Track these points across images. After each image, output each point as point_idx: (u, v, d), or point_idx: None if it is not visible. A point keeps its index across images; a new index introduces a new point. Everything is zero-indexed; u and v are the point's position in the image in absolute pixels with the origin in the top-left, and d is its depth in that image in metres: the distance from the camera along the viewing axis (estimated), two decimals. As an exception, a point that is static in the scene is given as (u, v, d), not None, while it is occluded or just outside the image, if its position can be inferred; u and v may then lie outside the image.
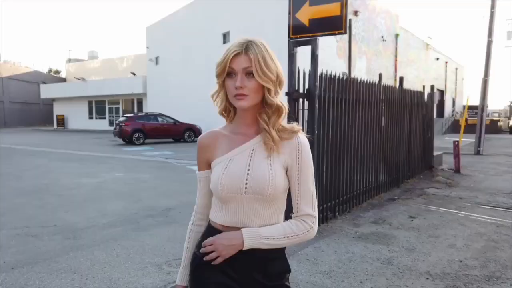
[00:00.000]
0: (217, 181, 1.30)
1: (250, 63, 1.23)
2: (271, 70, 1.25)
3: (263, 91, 1.27)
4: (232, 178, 1.28)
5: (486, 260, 3.74)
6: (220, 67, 1.28)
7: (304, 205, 1.30)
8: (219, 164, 1.33)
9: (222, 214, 1.33)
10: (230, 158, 1.32)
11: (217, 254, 1.26)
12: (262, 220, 1.29)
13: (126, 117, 18.91)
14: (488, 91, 13.71)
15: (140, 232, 4.68)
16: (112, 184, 7.94)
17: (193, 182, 6.90)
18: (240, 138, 1.34)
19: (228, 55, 1.26)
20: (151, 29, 27.63)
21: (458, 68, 36.79)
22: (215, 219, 1.36)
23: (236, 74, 1.25)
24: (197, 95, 21.32)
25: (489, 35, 13.68)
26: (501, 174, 9.28)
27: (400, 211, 5.63)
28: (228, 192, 1.28)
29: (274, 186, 1.25)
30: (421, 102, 8.54)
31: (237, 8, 18.14)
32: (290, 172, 1.30)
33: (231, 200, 1.29)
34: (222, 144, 1.36)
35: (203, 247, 1.29)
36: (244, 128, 1.34)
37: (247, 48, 1.25)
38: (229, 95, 1.29)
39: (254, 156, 1.29)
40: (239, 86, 1.23)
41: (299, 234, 1.28)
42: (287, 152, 1.29)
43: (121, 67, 36.01)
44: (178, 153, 13.89)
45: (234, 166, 1.29)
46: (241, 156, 1.31)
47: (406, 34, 24.39)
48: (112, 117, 32.35)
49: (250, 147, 1.31)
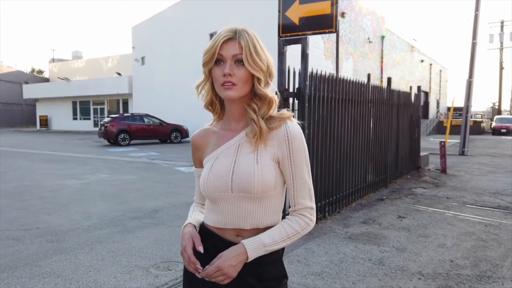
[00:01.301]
0: (203, 181, 1.24)
1: (241, 50, 1.16)
2: (262, 59, 1.18)
3: (252, 81, 1.19)
4: (217, 177, 1.21)
5: (476, 259, 3.74)
6: (209, 54, 1.19)
7: (300, 198, 1.22)
8: (207, 163, 1.27)
9: (214, 215, 1.26)
10: (217, 155, 1.25)
11: (226, 277, 1.15)
12: (256, 220, 1.21)
13: (111, 117, 18.61)
14: (472, 93, 13.91)
15: (126, 235, 4.55)
16: (96, 186, 7.76)
17: (180, 183, 6.85)
18: (228, 134, 1.27)
19: (217, 41, 1.17)
20: (137, 28, 27.30)
21: (442, 70, 37.36)
22: (208, 221, 1.29)
23: (225, 61, 1.17)
24: (184, 95, 21.15)
25: (473, 37, 13.88)
26: (486, 174, 9.39)
27: (389, 211, 5.62)
28: (214, 191, 1.21)
29: (262, 182, 1.17)
30: (408, 103, 8.59)
31: (224, 8, 18.05)
32: (283, 165, 1.21)
33: (220, 200, 1.22)
34: (212, 142, 1.30)
35: (208, 274, 1.16)
36: (233, 124, 1.27)
37: (238, 34, 1.17)
38: (216, 85, 1.20)
39: (240, 152, 1.22)
40: (228, 73, 1.15)
41: (300, 231, 1.21)
42: (275, 144, 1.20)
43: (106, 67, 35.53)
44: (165, 154, 13.71)
45: (219, 164, 1.23)
46: (227, 153, 1.24)
47: (391, 36, 24.65)
48: (97, 118, 31.86)
49: (236, 142, 1.24)
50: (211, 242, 1.25)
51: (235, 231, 1.23)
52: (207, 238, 1.26)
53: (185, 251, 1.23)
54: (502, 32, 33.63)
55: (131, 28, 27.96)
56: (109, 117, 19.10)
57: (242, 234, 1.22)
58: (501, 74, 37.72)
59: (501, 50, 36.35)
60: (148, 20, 25.74)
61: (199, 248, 1.22)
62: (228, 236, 1.23)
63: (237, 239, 1.22)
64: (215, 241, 1.25)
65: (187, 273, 1.29)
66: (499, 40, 34.28)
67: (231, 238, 1.23)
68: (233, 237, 1.23)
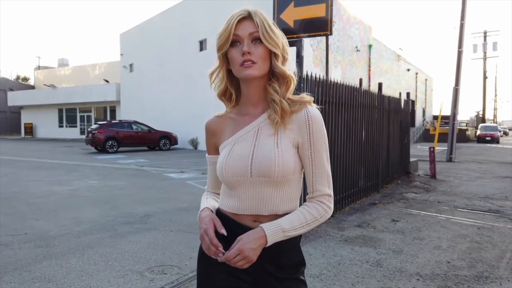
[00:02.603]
0: (221, 165, 1.20)
1: (256, 28, 1.15)
2: (277, 36, 1.17)
3: (270, 59, 1.17)
4: (236, 161, 1.17)
5: (472, 260, 3.75)
6: (224, 36, 1.17)
7: (319, 184, 1.19)
8: (225, 148, 1.23)
9: (231, 201, 1.22)
10: (235, 140, 1.22)
11: (247, 261, 1.12)
12: (274, 206, 1.18)
13: (99, 124, 18.38)
14: (459, 100, 14.14)
15: (118, 239, 4.45)
16: (86, 192, 7.61)
17: (171, 189, 6.78)
18: (246, 119, 1.23)
19: (231, 21, 1.15)
20: (125, 35, 27.13)
21: (427, 79, 37.98)
22: (224, 207, 1.24)
23: (241, 41, 1.15)
24: (174, 102, 21.06)
25: (459, 46, 14.16)
26: (474, 179, 9.51)
27: (383, 215, 5.63)
28: (233, 176, 1.17)
29: (282, 166, 1.14)
30: (398, 109, 8.68)
31: (214, 15, 18.06)
32: (302, 150, 1.19)
33: (238, 185, 1.19)
34: (228, 127, 1.26)
35: (229, 258, 1.12)
36: (250, 109, 1.24)
37: (252, 13, 1.16)
38: (234, 66, 1.17)
39: (260, 136, 1.19)
40: (247, 50, 1.13)
41: (319, 218, 1.19)
42: (295, 128, 1.18)
43: (93, 75, 35.16)
44: (154, 161, 13.56)
45: (239, 148, 1.19)
46: (246, 137, 1.20)
47: (379, 45, 24.98)
48: (84, 126, 31.43)
49: (255, 126, 1.21)
50: (228, 227, 1.20)
51: (253, 217, 1.19)
52: (223, 224, 1.22)
53: (206, 233, 1.17)
54: (485, 42, 34.45)
55: (119, 35, 27.79)
56: (97, 124, 18.87)
57: (260, 220, 1.19)
58: (484, 83, 38.55)
59: (484, 60, 37.20)
60: (136, 27, 25.63)
61: (221, 230, 1.18)
62: (245, 221, 1.20)
63: (254, 224, 1.18)
64: (232, 226, 1.20)
65: (203, 260, 1.25)
66: (482, 50, 35.10)
67: (249, 223, 1.19)
68: (251, 222, 1.19)
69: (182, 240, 4.42)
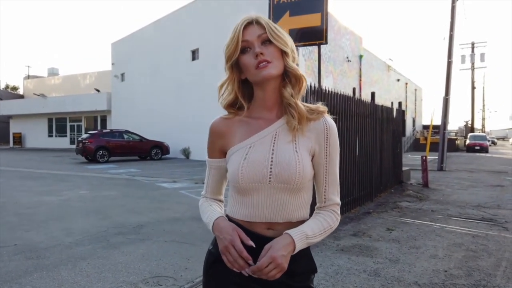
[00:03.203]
0: (237, 170, 1.15)
1: (264, 29, 1.15)
2: (284, 35, 1.17)
3: (283, 59, 1.16)
4: (254, 166, 1.14)
5: (469, 269, 3.74)
6: (232, 45, 1.16)
7: (332, 194, 1.21)
8: (238, 152, 1.18)
9: (243, 208, 1.18)
10: (251, 144, 1.18)
11: (279, 270, 1.06)
12: (289, 213, 1.16)
13: (90, 133, 18.20)
14: (449, 109, 14.31)
15: (111, 250, 4.36)
16: (76, 202, 7.48)
17: (164, 199, 6.67)
18: (261, 123, 1.20)
19: (238, 29, 1.15)
20: (116, 45, 27.08)
21: (417, 89, 38.47)
22: (235, 215, 1.20)
23: (252, 45, 1.14)
24: (165, 111, 20.97)
25: (448, 56, 14.38)
26: (466, 188, 9.58)
27: (378, 224, 5.62)
28: (249, 182, 1.14)
29: (302, 173, 1.13)
30: (390, 118, 8.74)
31: (206, 24, 18.14)
32: (318, 159, 1.18)
33: (253, 191, 1.15)
34: (239, 130, 1.22)
35: (261, 267, 1.05)
36: (264, 113, 1.21)
37: (257, 18, 1.17)
38: (250, 71, 1.16)
39: (278, 141, 1.16)
40: (260, 51, 1.12)
41: (332, 226, 1.19)
42: (313, 137, 1.18)
43: (84, 84, 34.92)
44: (145, 171, 13.44)
45: (255, 152, 1.16)
46: (263, 142, 1.17)
47: (369, 56, 25.27)
48: (74, 135, 31.11)
49: (272, 131, 1.18)
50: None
51: (267, 224, 1.16)
52: None
53: (233, 245, 1.09)
54: (473, 53, 35.05)
55: (111, 45, 27.73)
56: (88, 133, 18.68)
57: (274, 227, 1.16)
58: (473, 93, 39.14)
59: (472, 71, 37.82)
60: (128, 36, 25.61)
61: (249, 242, 1.10)
62: (258, 230, 1.16)
63: (268, 232, 1.15)
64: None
65: (211, 272, 1.20)
66: (470, 61, 35.71)
67: (262, 231, 1.16)
68: (264, 230, 1.16)
69: (176, 250, 4.35)
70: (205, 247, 4.34)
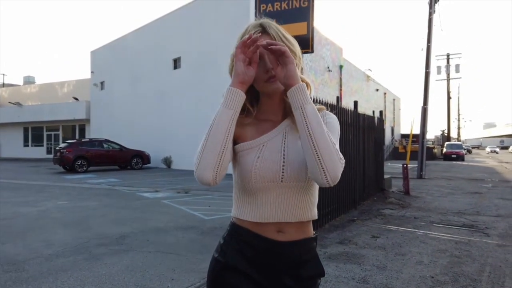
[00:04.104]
0: (250, 169, 1.12)
1: (274, 40, 1.13)
2: (293, 44, 1.18)
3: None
4: (266, 165, 1.12)
5: (455, 275, 3.79)
6: None
7: None
8: (251, 150, 1.15)
9: (252, 209, 1.15)
10: (263, 143, 1.16)
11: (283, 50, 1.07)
12: (300, 212, 1.14)
13: (68, 143, 17.78)
14: (427, 119, 14.63)
15: (94, 262, 4.23)
16: (55, 213, 7.26)
17: (146, 209, 6.56)
18: (268, 124, 1.20)
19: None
20: (96, 53, 26.71)
21: (395, 99, 39.30)
22: (243, 216, 1.17)
23: (262, 57, 1.13)
24: (146, 120, 20.72)
25: (426, 67, 14.75)
26: (446, 195, 9.76)
27: (363, 231, 5.65)
28: (262, 181, 1.12)
29: None
30: (372, 126, 8.86)
31: (188, 33, 18.10)
32: None
33: (264, 191, 1.13)
34: (249, 130, 1.20)
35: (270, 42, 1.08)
36: (270, 115, 1.21)
37: (266, 27, 1.15)
38: (259, 83, 1.15)
39: (288, 140, 1.16)
40: (271, 67, 1.11)
41: (333, 150, 1.05)
42: None
43: (62, 92, 34.21)
44: (126, 180, 13.19)
45: (268, 151, 1.14)
46: (274, 141, 1.16)
47: (349, 66, 25.71)
48: (51, 145, 30.38)
49: (281, 130, 1.18)
50: (247, 241, 1.14)
51: (277, 226, 1.14)
52: (241, 237, 1.15)
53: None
54: (448, 64, 36.06)
55: (90, 53, 27.34)
56: (66, 142, 18.26)
57: (285, 229, 1.14)
58: (448, 103, 40.22)
59: (448, 81, 38.91)
60: (108, 44, 25.31)
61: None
62: (268, 233, 1.14)
63: (278, 236, 1.13)
64: (251, 239, 1.14)
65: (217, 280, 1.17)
66: (446, 72, 36.70)
67: (271, 235, 1.13)
68: (275, 234, 1.14)
69: (161, 261, 4.26)
70: (190, 257, 4.27)
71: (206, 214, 6.91)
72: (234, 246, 1.16)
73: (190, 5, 18.44)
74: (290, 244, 1.14)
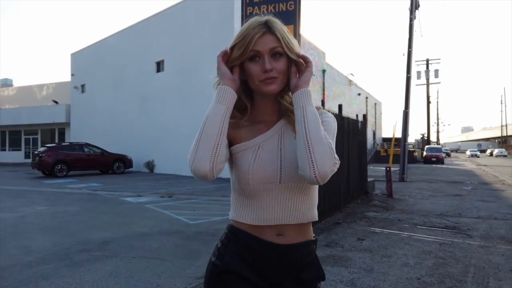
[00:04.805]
0: (247, 171, 1.10)
1: (278, 42, 1.10)
2: (295, 46, 1.14)
3: (288, 71, 1.14)
4: (264, 166, 1.10)
5: (441, 276, 3.83)
6: (239, 50, 1.10)
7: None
8: (247, 151, 1.13)
9: (250, 212, 1.12)
10: (259, 144, 1.13)
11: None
12: (300, 214, 1.12)
13: (47, 147, 17.38)
14: (409, 122, 14.87)
15: (76, 269, 4.11)
16: (35, 219, 7.06)
17: (129, 213, 6.45)
18: (263, 125, 1.17)
19: (250, 37, 1.09)
20: (76, 55, 26.24)
21: (376, 103, 39.88)
22: (241, 219, 1.14)
23: (261, 56, 1.09)
24: (128, 124, 20.42)
25: (407, 72, 15.01)
26: (427, 198, 9.92)
27: (348, 234, 5.67)
28: (259, 182, 1.09)
29: None
30: (356, 130, 8.94)
31: (172, 36, 17.95)
32: None
33: (262, 192, 1.10)
34: (243, 131, 1.17)
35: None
36: (265, 116, 1.18)
37: (271, 26, 1.11)
38: (254, 81, 1.12)
39: (284, 140, 1.14)
40: (269, 68, 1.08)
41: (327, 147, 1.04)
42: None
43: (41, 95, 33.47)
44: (107, 185, 12.95)
45: (264, 152, 1.12)
46: (270, 142, 1.14)
47: (332, 70, 25.97)
48: (29, 149, 29.63)
49: (277, 131, 1.16)
50: (246, 244, 1.11)
51: (277, 228, 1.11)
52: (240, 240, 1.12)
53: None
54: (427, 69, 36.83)
55: (70, 55, 26.86)
56: (45, 146, 17.83)
57: (285, 232, 1.11)
58: (428, 107, 41.04)
59: (427, 86, 39.72)
60: (89, 47, 24.91)
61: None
62: (267, 236, 1.11)
63: (278, 239, 1.10)
64: (250, 242, 1.11)
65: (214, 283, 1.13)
66: (425, 77, 37.47)
67: (271, 238, 1.11)
68: (274, 237, 1.11)
69: (146, 267, 4.17)
70: (176, 262, 4.19)
71: (191, 218, 6.82)
72: (233, 249, 1.13)
73: (173, 8, 18.32)
74: (290, 247, 1.11)
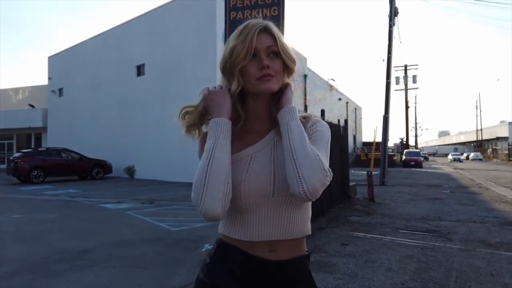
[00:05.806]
0: (238, 183, 1.05)
1: (274, 41, 1.08)
2: (290, 50, 1.12)
3: (284, 75, 1.11)
4: (256, 180, 1.05)
5: (424, 280, 3.85)
6: (243, 50, 1.05)
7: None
8: (239, 163, 1.08)
9: (242, 227, 1.08)
10: (251, 155, 1.09)
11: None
12: (294, 228, 1.08)
13: (23, 152, 16.89)
14: (389, 127, 15.09)
15: (54, 279, 3.97)
16: (9, 227, 6.81)
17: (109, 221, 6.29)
18: (255, 135, 1.13)
19: (251, 34, 1.05)
20: (54, 59, 25.67)
21: (357, 108, 40.46)
22: (231, 234, 1.10)
23: (258, 54, 1.07)
24: (108, 129, 20.05)
25: (387, 77, 15.25)
26: (408, 201, 10.05)
27: (332, 239, 5.67)
28: (253, 196, 1.05)
29: None
30: (338, 134, 9.00)
31: (153, 39, 17.75)
32: None
33: (255, 207, 1.06)
34: (235, 141, 1.11)
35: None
36: (256, 124, 1.14)
37: (267, 25, 1.09)
38: (251, 80, 1.07)
39: (277, 151, 1.09)
40: (267, 64, 1.04)
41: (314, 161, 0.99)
42: None
43: (16, 99, 32.57)
44: (86, 191, 12.65)
45: (257, 164, 1.07)
46: (263, 152, 1.10)
47: (313, 76, 26.21)
48: (4, 154, 28.73)
49: (269, 141, 1.11)
50: (236, 260, 1.06)
51: (270, 244, 1.07)
52: (229, 256, 1.07)
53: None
54: (406, 75, 37.65)
55: (47, 58, 26.26)
56: (21, 151, 17.33)
57: (278, 248, 1.06)
58: (407, 112, 41.81)
59: (406, 91, 40.51)
60: (67, 50, 24.40)
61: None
62: (259, 252, 1.06)
63: (270, 255, 1.06)
64: (241, 258, 1.06)
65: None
66: (403, 82, 38.25)
67: (263, 254, 1.06)
68: (266, 253, 1.06)
69: (128, 276, 4.06)
70: (158, 271, 4.10)
71: (172, 225, 6.71)
72: (222, 265, 1.08)
73: (154, 11, 18.14)
74: (282, 263, 1.07)
